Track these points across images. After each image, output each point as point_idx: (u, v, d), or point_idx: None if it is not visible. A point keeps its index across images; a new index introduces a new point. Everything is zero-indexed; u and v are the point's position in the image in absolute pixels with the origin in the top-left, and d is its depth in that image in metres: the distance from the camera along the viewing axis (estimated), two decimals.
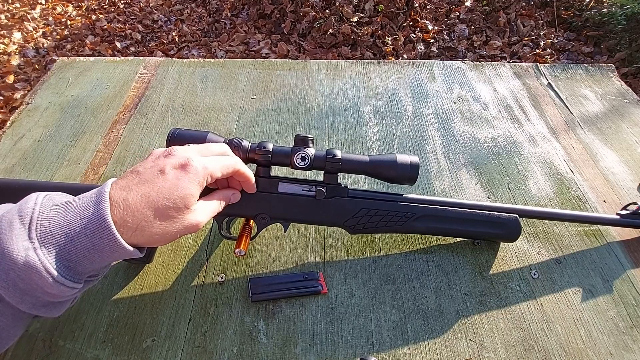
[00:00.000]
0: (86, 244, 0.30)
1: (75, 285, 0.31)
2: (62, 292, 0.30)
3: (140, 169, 0.35)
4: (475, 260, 0.52)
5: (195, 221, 0.36)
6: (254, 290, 0.47)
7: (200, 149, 0.39)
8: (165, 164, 0.35)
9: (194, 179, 0.35)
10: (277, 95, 0.77)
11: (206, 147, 0.40)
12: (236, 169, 0.41)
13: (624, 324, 0.46)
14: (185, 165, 0.35)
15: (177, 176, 0.34)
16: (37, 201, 0.31)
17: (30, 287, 0.29)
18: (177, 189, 0.34)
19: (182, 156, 0.36)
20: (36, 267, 0.28)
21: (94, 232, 0.30)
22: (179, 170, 0.35)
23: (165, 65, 0.83)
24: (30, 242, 0.28)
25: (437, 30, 2.14)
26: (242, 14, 2.35)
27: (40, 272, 0.28)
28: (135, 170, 0.35)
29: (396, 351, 0.44)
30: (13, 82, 1.85)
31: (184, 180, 0.35)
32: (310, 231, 0.54)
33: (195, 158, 0.36)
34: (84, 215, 0.30)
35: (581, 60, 1.94)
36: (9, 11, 2.30)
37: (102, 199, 0.31)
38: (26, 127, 0.69)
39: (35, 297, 0.30)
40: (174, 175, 0.34)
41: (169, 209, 0.34)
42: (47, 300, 0.31)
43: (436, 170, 0.63)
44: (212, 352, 0.43)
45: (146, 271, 0.49)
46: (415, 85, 0.80)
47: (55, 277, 0.29)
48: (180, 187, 0.34)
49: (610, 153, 0.67)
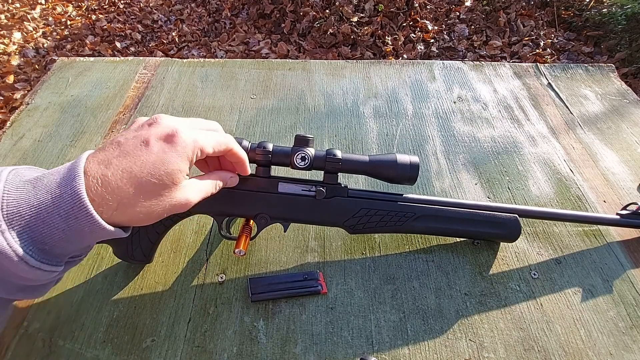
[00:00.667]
0: (60, 225, 0.27)
1: (54, 268, 0.28)
2: (40, 276, 0.28)
3: (122, 139, 0.31)
4: (475, 260, 0.52)
5: (184, 199, 0.33)
6: (253, 290, 0.47)
7: (190, 121, 0.35)
8: (149, 135, 0.31)
9: (182, 152, 0.31)
10: (277, 95, 0.77)
11: (197, 121, 0.36)
12: (229, 147, 0.37)
13: (624, 324, 0.46)
14: (172, 136, 0.31)
15: (163, 149, 0.31)
16: (1, 177, 0.27)
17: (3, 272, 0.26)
18: (163, 164, 0.30)
19: (169, 126, 0.32)
20: (5, 252, 0.25)
21: (69, 212, 0.27)
22: (165, 142, 0.31)
23: (165, 65, 0.83)
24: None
25: (437, 30, 2.14)
26: (242, 13, 2.35)
27: (11, 258, 0.25)
28: (115, 141, 0.31)
29: (396, 351, 0.44)
30: (13, 82, 1.85)
31: (170, 154, 0.31)
32: (310, 231, 0.54)
33: (184, 129, 0.32)
34: (56, 193, 0.27)
35: (581, 60, 1.94)
36: (9, 11, 2.30)
37: (75, 175, 0.27)
38: (26, 127, 0.69)
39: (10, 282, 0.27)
40: (159, 147, 0.31)
41: (153, 186, 0.30)
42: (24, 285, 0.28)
43: (436, 170, 0.63)
44: (212, 352, 0.43)
45: (146, 271, 0.49)
46: (415, 85, 0.80)
47: (29, 262, 0.26)
48: (167, 161, 0.31)
49: (610, 153, 0.67)
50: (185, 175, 0.33)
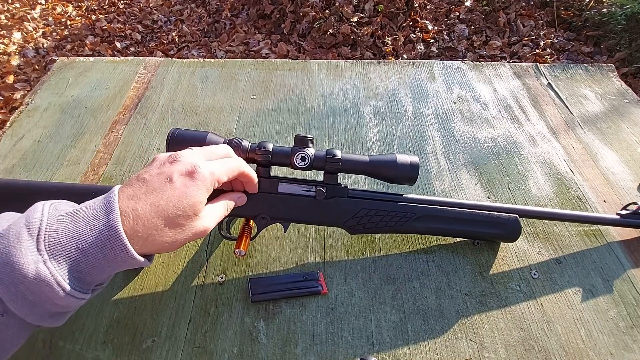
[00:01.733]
0: (97, 255, 0.30)
1: (84, 295, 0.31)
2: (71, 304, 0.30)
3: (147, 176, 0.34)
4: (476, 260, 0.52)
5: (203, 227, 0.36)
6: (254, 290, 0.47)
7: (204, 153, 0.38)
8: (172, 172, 0.34)
9: (202, 186, 0.35)
10: (277, 95, 0.77)
11: (210, 151, 0.39)
12: (241, 170, 0.40)
13: (624, 324, 0.46)
14: (193, 172, 0.35)
15: (185, 184, 0.34)
16: (43, 211, 0.30)
17: (40, 299, 0.29)
18: (186, 197, 0.34)
19: (189, 162, 0.35)
20: (47, 280, 0.28)
21: (105, 243, 0.30)
22: (187, 177, 0.35)
23: (165, 65, 0.83)
24: (40, 255, 0.28)
25: (437, 30, 2.14)
26: (242, 14, 2.35)
27: (52, 285, 0.28)
28: (141, 178, 0.34)
29: (396, 351, 0.44)
30: (13, 82, 1.85)
31: (192, 188, 0.34)
32: (310, 231, 0.54)
33: (202, 164, 0.36)
34: (95, 226, 0.30)
35: (581, 60, 1.94)
36: (9, 11, 2.30)
37: (112, 209, 0.31)
38: (26, 128, 0.69)
39: (44, 309, 0.30)
40: (182, 183, 0.34)
41: (178, 217, 0.34)
42: (54, 312, 0.31)
43: (436, 170, 0.63)
44: (212, 353, 0.43)
45: (146, 272, 0.49)
46: (415, 85, 0.80)
47: (66, 290, 0.29)
48: (189, 195, 0.34)
49: (610, 153, 0.67)
50: (204, 205, 0.36)
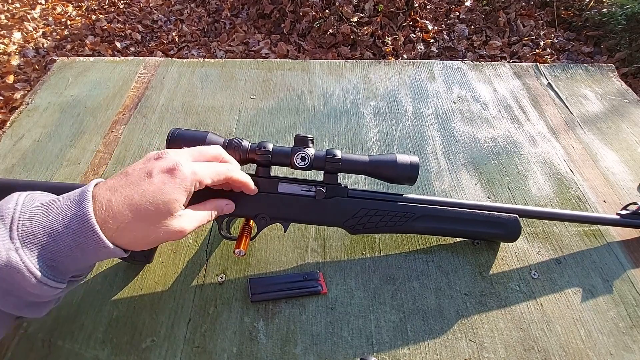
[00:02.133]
0: (69, 243, 0.30)
1: (59, 285, 0.31)
2: (45, 292, 0.30)
3: (130, 170, 0.35)
4: (475, 260, 0.52)
5: (179, 227, 0.36)
6: (253, 290, 0.47)
7: (193, 153, 0.38)
8: (153, 167, 0.34)
9: (180, 184, 0.35)
10: (277, 95, 0.77)
11: (200, 151, 0.39)
12: (228, 176, 0.39)
13: (624, 324, 0.46)
14: (173, 169, 0.35)
15: (163, 180, 0.34)
16: (18, 201, 0.31)
17: (12, 287, 0.29)
18: (162, 194, 0.34)
19: (172, 160, 0.35)
20: (18, 266, 0.28)
21: (77, 231, 0.30)
22: (166, 174, 0.34)
23: (165, 65, 0.83)
24: (12, 243, 0.29)
25: (437, 30, 2.14)
26: (241, 14, 2.35)
27: (23, 272, 0.28)
28: (124, 172, 0.35)
29: (396, 351, 0.44)
30: (13, 82, 1.85)
31: (169, 185, 0.34)
32: (310, 231, 0.54)
33: (185, 163, 0.36)
34: (67, 215, 0.30)
35: (581, 60, 1.94)
36: (9, 11, 2.30)
37: (84, 198, 0.31)
38: (26, 127, 0.69)
39: (18, 297, 0.30)
40: (160, 179, 0.34)
41: (150, 213, 0.33)
42: (30, 301, 0.31)
43: (436, 170, 0.63)
44: (212, 353, 0.43)
45: (146, 271, 0.49)
46: (415, 85, 0.80)
47: (38, 277, 0.29)
48: (165, 192, 0.34)
49: (610, 153, 0.67)
50: (182, 205, 0.36)
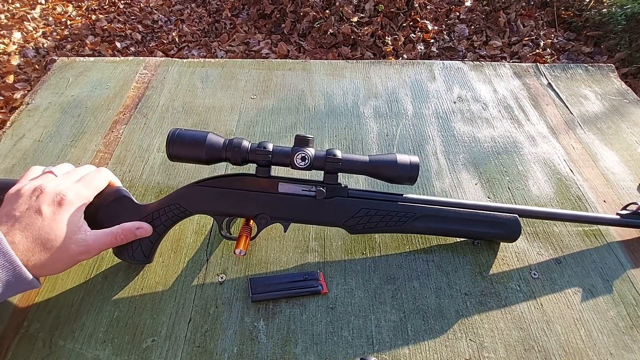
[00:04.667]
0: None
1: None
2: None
3: (17, 213, 0.38)
4: (475, 260, 0.52)
5: (84, 248, 0.40)
6: (254, 290, 0.47)
7: (67, 176, 0.43)
8: (40, 204, 0.38)
9: (70, 209, 0.39)
10: (277, 95, 0.77)
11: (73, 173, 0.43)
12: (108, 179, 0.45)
13: (624, 324, 0.46)
14: (60, 201, 0.39)
15: (54, 212, 0.38)
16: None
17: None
18: (57, 223, 0.38)
19: (53, 192, 0.39)
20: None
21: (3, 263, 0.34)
22: (55, 206, 0.39)
23: (165, 65, 0.83)
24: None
25: (437, 30, 2.14)
26: (242, 14, 2.35)
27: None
28: (12, 216, 0.38)
29: (396, 351, 0.44)
30: (13, 82, 1.85)
31: (61, 214, 0.39)
32: (310, 231, 0.54)
33: (67, 191, 0.40)
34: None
35: (581, 60, 1.94)
36: (9, 11, 2.30)
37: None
38: (26, 127, 0.69)
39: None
40: (51, 212, 0.38)
41: (52, 241, 0.37)
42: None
43: (436, 170, 0.63)
44: (212, 352, 0.43)
45: (146, 271, 0.49)
46: (415, 85, 0.80)
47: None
48: (59, 220, 0.38)
49: (610, 153, 0.67)
50: (79, 226, 0.40)
